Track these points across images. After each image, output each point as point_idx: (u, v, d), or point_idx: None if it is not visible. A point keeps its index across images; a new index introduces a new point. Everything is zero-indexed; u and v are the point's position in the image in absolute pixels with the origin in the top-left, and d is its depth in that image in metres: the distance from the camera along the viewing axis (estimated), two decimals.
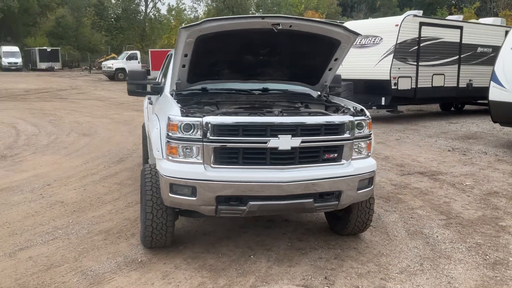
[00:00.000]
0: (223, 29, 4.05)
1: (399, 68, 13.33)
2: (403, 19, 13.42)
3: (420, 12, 14.81)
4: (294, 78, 5.03)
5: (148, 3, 67.16)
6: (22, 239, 4.61)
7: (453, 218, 5.50)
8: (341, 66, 4.79)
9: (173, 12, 67.95)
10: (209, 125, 3.78)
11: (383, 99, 13.59)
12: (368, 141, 4.29)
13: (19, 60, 45.75)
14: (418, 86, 13.83)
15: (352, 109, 4.40)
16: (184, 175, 3.81)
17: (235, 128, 3.83)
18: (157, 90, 5.20)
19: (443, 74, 14.42)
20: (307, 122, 3.98)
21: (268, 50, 4.54)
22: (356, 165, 4.15)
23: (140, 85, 5.15)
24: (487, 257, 4.41)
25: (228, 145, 3.83)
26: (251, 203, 3.85)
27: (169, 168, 3.87)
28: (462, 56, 14.75)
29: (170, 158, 3.90)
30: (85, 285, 3.72)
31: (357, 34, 4.35)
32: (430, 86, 14.15)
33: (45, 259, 4.16)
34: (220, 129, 3.81)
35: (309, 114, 4.22)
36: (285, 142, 3.84)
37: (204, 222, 5.09)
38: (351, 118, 4.12)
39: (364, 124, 4.21)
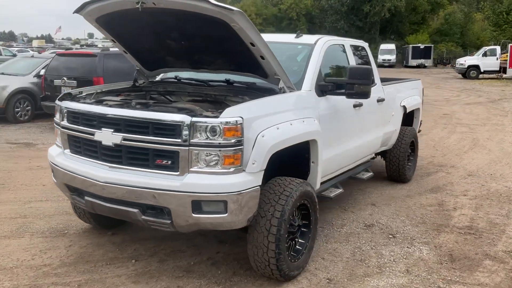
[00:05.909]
0: (108, 11, 3.87)
1: None
2: None
3: None
4: (241, 68, 4.19)
5: None
6: (53, 195, 5.79)
7: None
8: None
9: None
10: (61, 110, 3.90)
11: None
12: (231, 153, 3.25)
13: (392, 57, 48.04)
14: None
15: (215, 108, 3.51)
16: (49, 157, 4.10)
17: (76, 116, 3.78)
18: None
19: None
20: (128, 117, 3.43)
21: (176, 34, 4.05)
22: (192, 180, 3.25)
23: None
24: None
25: (70, 132, 3.83)
26: (86, 198, 3.72)
27: (48, 151, 4.20)
28: None
29: (55, 142, 4.20)
30: (4, 235, 4.58)
31: (231, 10, 3.29)
32: None
33: (30, 210, 5.25)
34: (68, 115, 3.85)
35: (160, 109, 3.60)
36: (106, 137, 3.50)
37: None
38: (187, 119, 3.24)
39: (218, 129, 3.21)
